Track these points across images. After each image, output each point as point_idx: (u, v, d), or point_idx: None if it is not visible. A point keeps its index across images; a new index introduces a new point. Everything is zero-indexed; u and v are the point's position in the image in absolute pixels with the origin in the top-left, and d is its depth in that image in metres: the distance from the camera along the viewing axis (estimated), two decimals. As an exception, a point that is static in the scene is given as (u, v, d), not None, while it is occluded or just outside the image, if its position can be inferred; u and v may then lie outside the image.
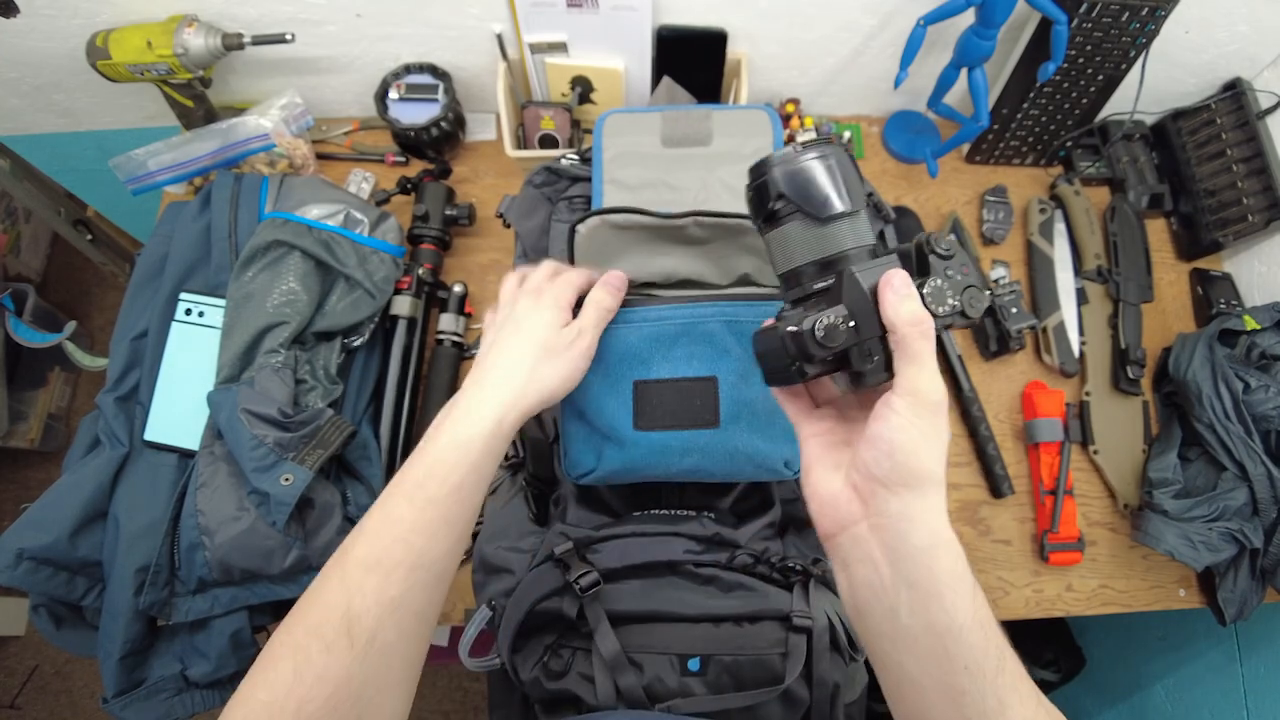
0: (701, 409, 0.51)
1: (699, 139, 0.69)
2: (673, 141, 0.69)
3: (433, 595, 0.42)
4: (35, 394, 1.62)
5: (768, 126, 0.69)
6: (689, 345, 0.51)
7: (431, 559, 0.40)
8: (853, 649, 0.51)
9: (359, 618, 0.37)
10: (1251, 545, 0.76)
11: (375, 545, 0.40)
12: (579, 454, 0.55)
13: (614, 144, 0.68)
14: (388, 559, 0.39)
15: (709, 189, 0.66)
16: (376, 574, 0.39)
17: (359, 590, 0.38)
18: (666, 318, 0.52)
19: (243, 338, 0.69)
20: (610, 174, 0.67)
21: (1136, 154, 0.98)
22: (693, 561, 0.51)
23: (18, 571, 0.62)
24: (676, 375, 0.51)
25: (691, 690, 0.47)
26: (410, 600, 0.39)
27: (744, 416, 0.51)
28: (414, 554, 0.39)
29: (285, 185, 0.79)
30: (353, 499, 0.71)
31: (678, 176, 0.67)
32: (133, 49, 0.77)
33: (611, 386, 0.52)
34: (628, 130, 0.69)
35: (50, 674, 1.58)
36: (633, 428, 0.52)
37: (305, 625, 0.38)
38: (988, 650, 0.33)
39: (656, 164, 0.68)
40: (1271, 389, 0.77)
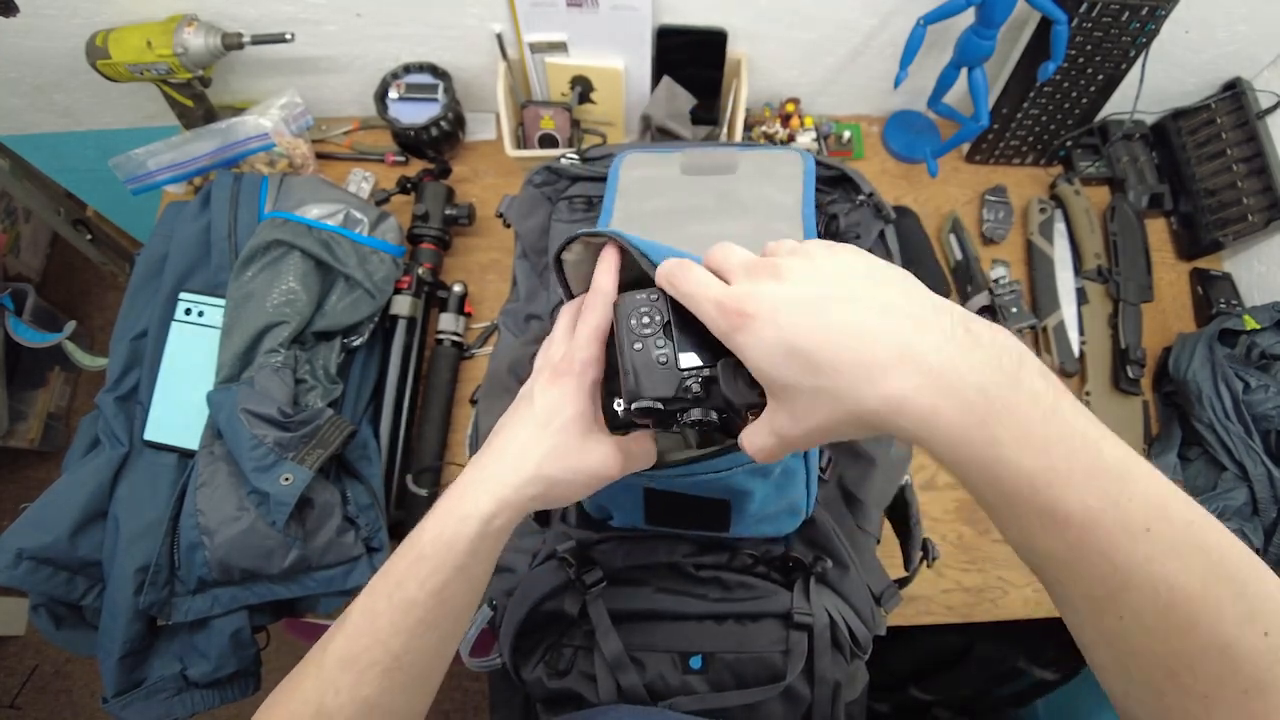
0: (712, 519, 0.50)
1: (722, 168, 0.67)
2: (693, 170, 0.67)
3: (412, 697, 0.39)
4: (35, 394, 1.62)
5: (799, 161, 0.66)
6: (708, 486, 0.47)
7: (410, 661, 0.37)
8: (855, 646, 0.51)
9: (331, 716, 0.36)
10: (1251, 545, 0.76)
11: (353, 643, 0.37)
12: (593, 508, 0.54)
13: (631, 175, 0.67)
14: (364, 658, 0.36)
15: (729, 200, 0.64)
16: (351, 672, 0.36)
17: (333, 688, 0.36)
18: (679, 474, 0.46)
19: (242, 337, 0.69)
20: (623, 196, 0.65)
21: (1136, 154, 0.98)
22: (693, 562, 0.51)
23: (17, 571, 0.62)
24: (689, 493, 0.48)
25: (693, 688, 0.47)
26: (386, 701, 0.37)
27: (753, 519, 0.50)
28: (390, 656, 0.36)
29: (285, 185, 0.79)
30: (352, 499, 0.71)
31: (695, 197, 0.65)
32: (132, 48, 0.77)
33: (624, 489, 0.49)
34: (646, 165, 0.68)
35: (50, 674, 1.58)
36: (644, 522, 0.51)
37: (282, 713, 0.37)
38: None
39: (673, 187, 0.66)
40: (1271, 389, 0.77)
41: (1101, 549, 0.26)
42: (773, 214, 0.62)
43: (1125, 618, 0.27)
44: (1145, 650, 0.27)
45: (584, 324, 0.39)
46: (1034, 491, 0.27)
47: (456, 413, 0.83)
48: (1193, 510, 0.27)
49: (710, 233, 0.61)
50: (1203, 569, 0.26)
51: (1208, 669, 0.26)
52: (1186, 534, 0.26)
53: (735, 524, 0.50)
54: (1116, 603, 0.27)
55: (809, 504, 0.51)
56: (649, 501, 0.50)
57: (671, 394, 0.35)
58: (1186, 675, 0.26)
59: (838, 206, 0.67)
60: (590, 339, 0.38)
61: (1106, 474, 0.27)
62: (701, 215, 0.63)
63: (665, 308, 0.36)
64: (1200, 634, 0.25)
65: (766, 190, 0.65)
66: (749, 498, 0.47)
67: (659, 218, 0.64)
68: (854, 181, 0.69)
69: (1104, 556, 0.26)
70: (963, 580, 0.80)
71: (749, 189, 0.65)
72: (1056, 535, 0.27)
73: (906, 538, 0.63)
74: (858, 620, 0.51)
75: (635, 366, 0.35)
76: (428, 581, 0.37)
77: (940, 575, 0.80)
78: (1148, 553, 0.26)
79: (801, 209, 0.63)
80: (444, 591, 0.37)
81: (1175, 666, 0.26)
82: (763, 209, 0.63)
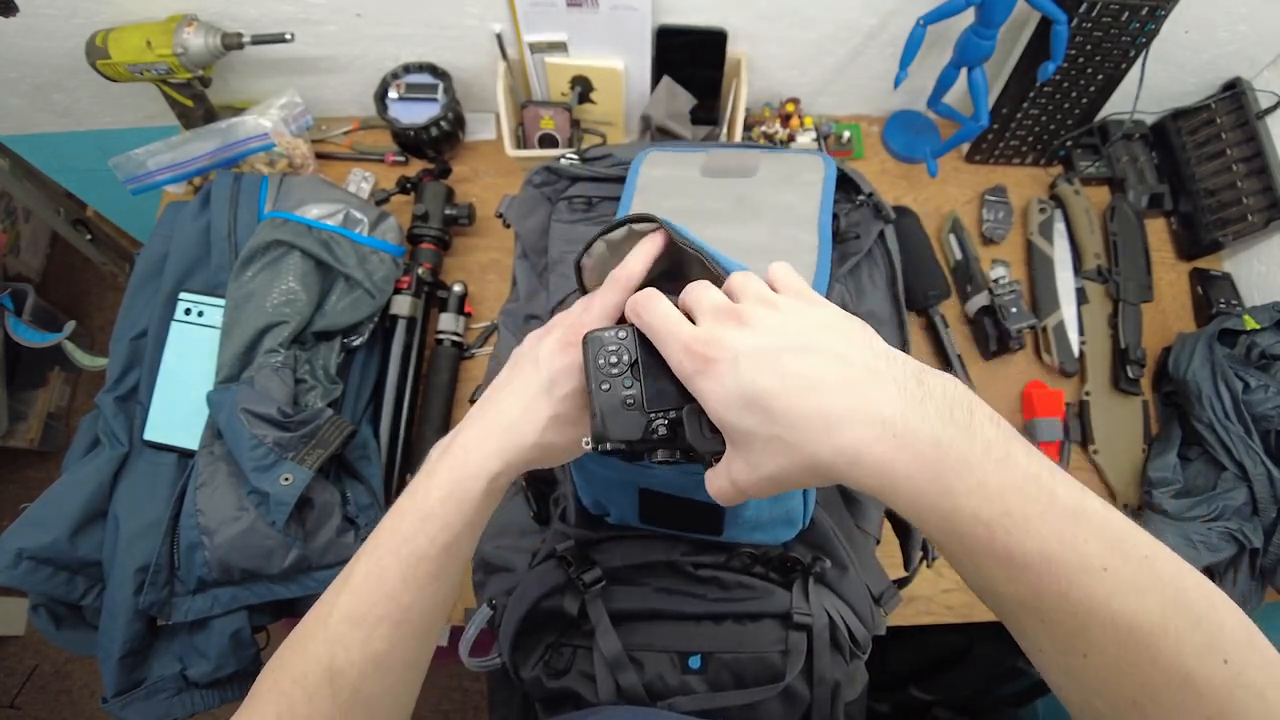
0: (706, 522, 0.50)
1: (743, 171, 0.67)
2: (713, 173, 0.67)
3: (421, 647, 0.40)
4: (35, 394, 1.62)
5: (820, 166, 0.66)
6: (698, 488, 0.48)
7: (418, 613, 0.38)
8: (854, 646, 0.50)
9: (342, 672, 0.36)
10: (1251, 545, 0.76)
11: (360, 600, 0.38)
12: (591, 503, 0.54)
13: (651, 174, 0.67)
14: (372, 614, 0.37)
15: (746, 205, 0.64)
16: (361, 629, 0.37)
17: (342, 645, 0.37)
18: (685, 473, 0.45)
19: (242, 337, 0.69)
20: (641, 195, 0.66)
21: (1136, 154, 0.98)
22: (692, 561, 0.51)
23: (17, 571, 0.62)
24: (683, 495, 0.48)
25: (692, 688, 0.47)
26: (396, 654, 0.38)
27: (747, 526, 0.50)
28: (400, 609, 0.38)
29: (285, 185, 0.79)
30: (352, 499, 0.71)
31: (713, 200, 0.65)
32: (132, 48, 0.77)
33: (618, 484, 0.50)
34: (666, 164, 0.68)
35: (50, 674, 1.58)
36: (638, 520, 0.51)
37: (291, 674, 0.37)
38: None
39: (692, 189, 0.66)
40: (1271, 389, 0.77)
41: (1061, 590, 0.27)
42: (790, 220, 0.62)
43: (1089, 655, 0.27)
44: (1110, 685, 0.27)
45: (601, 298, 0.40)
46: (991, 538, 0.28)
47: (456, 413, 0.83)
48: (1149, 544, 0.28)
49: (725, 237, 0.62)
50: (1160, 603, 0.26)
51: (1171, 700, 0.26)
52: (1143, 569, 0.27)
53: (728, 529, 0.49)
54: (1079, 641, 0.27)
55: (806, 516, 0.51)
56: (643, 501, 0.50)
57: (638, 436, 0.36)
58: (1152, 707, 0.26)
59: (838, 207, 0.67)
60: (604, 314, 0.39)
61: (1062, 517, 0.27)
62: (717, 219, 0.64)
63: (634, 346, 0.37)
64: (1162, 666, 0.26)
65: (786, 196, 0.65)
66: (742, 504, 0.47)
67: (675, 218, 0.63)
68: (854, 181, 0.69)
69: (1064, 597, 0.27)
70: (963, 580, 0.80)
71: (768, 194, 0.65)
72: (1016, 579, 0.28)
73: (906, 538, 0.63)
74: (857, 620, 0.51)
75: (602, 409, 0.36)
76: (438, 537, 0.38)
77: (940, 575, 0.80)
78: (1107, 591, 0.26)
79: (818, 216, 0.63)
80: (453, 547, 0.38)
81: (1140, 699, 0.27)
82: (780, 215, 0.63)
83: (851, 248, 0.67)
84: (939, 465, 0.28)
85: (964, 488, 0.28)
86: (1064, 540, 0.27)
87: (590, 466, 0.49)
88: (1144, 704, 0.26)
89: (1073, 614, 0.27)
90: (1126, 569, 0.27)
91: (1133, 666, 0.26)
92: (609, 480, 0.51)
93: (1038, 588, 0.27)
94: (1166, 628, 0.26)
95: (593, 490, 0.54)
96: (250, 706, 0.37)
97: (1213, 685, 0.26)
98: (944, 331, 0.87)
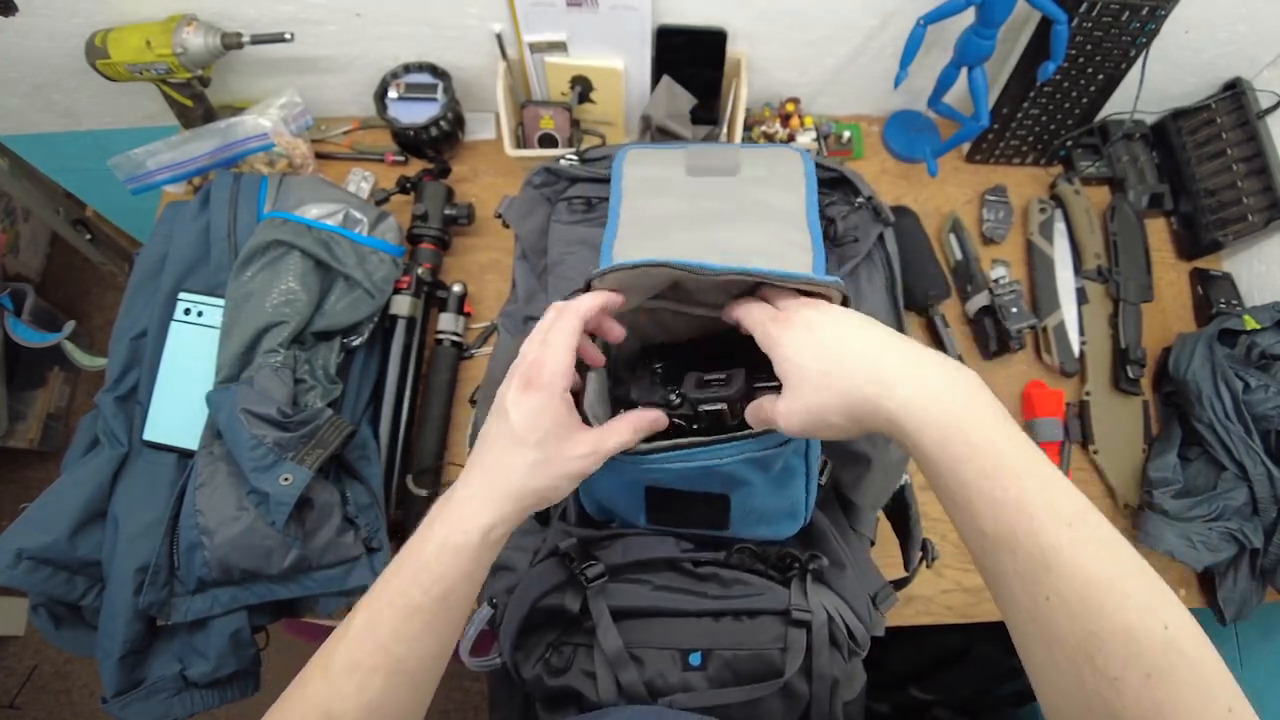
0: (713, 517, 0.51)
1: (726, 169, 0.68)
2: (697, 171, 0.68)
3: (414, 697, 0.41)
4: (34, 394, 1.62)
5: (800, 161, 0.67)
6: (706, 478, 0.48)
7: (412, 666, 0.40)
8: (852, 644, 0.51)
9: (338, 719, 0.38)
10: (1251, 545, 0.76)
11: (357, 649, 0.39)
12: (594, 509, 0.56)
13: (634, 173, 0.67)
14: (367, 663, 0.39)
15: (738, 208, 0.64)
16: (356, 677, 0.39)
17: (339, 693, 0.38)
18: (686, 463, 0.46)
19: (242, 337, 0.69)
20: (629, 192, 0.66)
21: (1136, 153, 0.98)
22: (691, 558, 0.51)
23: (17, 571, 0.62)
24: (689, 489, 0.49)
25: (692, 685, 0.47)
26: (390, 704, 0.39)
27: (753, 517, 0.51)
28: (393, 660, 0.39)
29: (284, 185, 0.79)
30: (352, 499, 0.70)
31: (702, 199, 0.65)
32: (132, 48, 0.77)
33: (624, 486, 0.51)
34: (649, 162, 0.68)
35: (49, 674, 1.58)
36: (644, 521, 0.52)
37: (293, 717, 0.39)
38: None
39: (680, 187, 0.66)
40: (1271, 389, 0.77)
41: (1032, 529, 0.33)
42: (783, 220, 0.63)
43: (1051, 599, 0.32)
44: (1067, 630, 0.31)
45: (557, 333, 0.42)
46: (982, 476, 0.34)
47: (456, 413, 0.83)
48: (1108, 524, 0.33)
49: (727, 240, 0.61)
50: (1113, 564, 0.32)
51: (1117, 651, 0.30)
52: (1101, 534, 0.33)
53: (735, 520, 0.50)
54: (1042, 584, 0.32)
55: (808, 507, 0.51)
56: (650, 500, 0.50)
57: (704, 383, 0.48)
58: (1100, 658, 0.30)
59: (836, 209, 0.67)
60: (562, 348, 0.42)
61: (1042, 477, 0.34)
62: (718, 220, 0.64)
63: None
64: (1109, 616, 0.31)
65: (773, 196, 0.65)
66: (749, 490, 0.48)
67: (670, 222, 0.63)
68: (853, 184, 0.69)
69: (1033, 538, 0.32)
70: (962, 580, 0.80)
71: (757, 194, 0.65)
72: (999, 518, 0.33)
73: (906, 538, 0.63)
74: (855, 618, 0.51)
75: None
76: (432, 589, 0.39)
77: (940, 575, 0.80)
78: (1070, 539, 0.32)
79: (806, 214, 0.64)
80: (448, 598, 0.40)
81: (1091, 649, 0.31)
82: (772, 214, 0.64)
83: (850, 251, 0.67)
84: (958, 418, 0.35)
85: (975, 439, 0.35)
86: (1042, 493, 0.33)
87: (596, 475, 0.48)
88: (1094, 655, 0.30)
89: (1039, 554, 0.32)
90: (1087, 530, 0.33)
91: (1085, 612, 0.31)
92: (615, 486, 0.51)
93: (1015, 528, 0.33)
94: (1115, 584, 0.31)
95: (597, 499, 0.54)
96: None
97: (1152, 643, 0.30)
98: (944, 331, 0.87)
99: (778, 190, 0.65)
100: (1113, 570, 0.32)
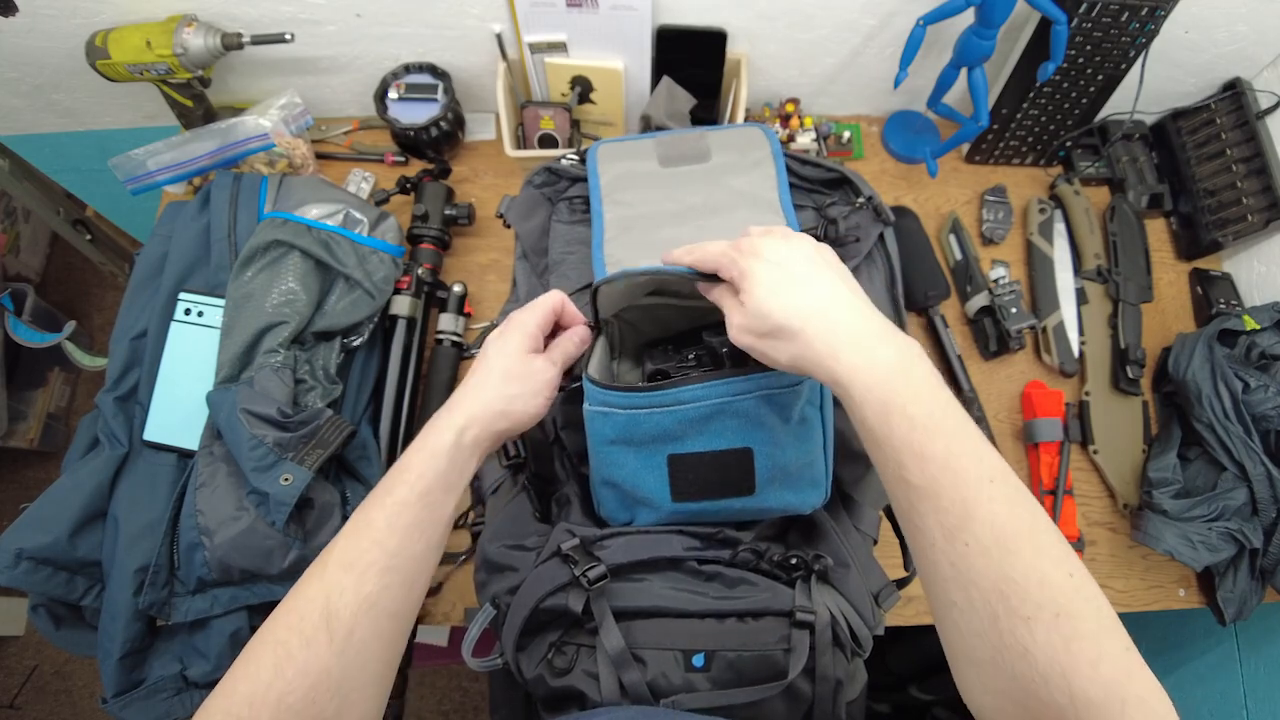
0: (738, 479, 0.51)
1: (697, 156, 0.69)
2: (670, 161, 0.69)
3: (407, 596, 0.44)
4: (35, 394, 1.62)
5: (765, 140, 0.69)
6: (723, 420, 0.50)
7: (403, 561, 0.43)
8: (855, 645, 0.51)
9: (337, 613, 0.40)
10: (1251, 545, 0.76)
11: (351, 547, 0.42)
12: (613, 512, 0.56)
13: (609, 169, 0.69)
14: (362, 559, 0.42)
15: (715, 198, 0.66)
16: (353, 573, 0.41)
17: (337, 588, 0.41)
18: (701, 398, 0.49)
19: (242, 337, 0.69)
20: (609, 194, 0.67)
21: (1136, 154, 0.98)
22: (695, 558, 0.51)
23: (17, 571, 0.62)
24: (711, 449, 0.50)
25: (695, 686, 0.47)
26: (385, 599, 0.42)
27: (778, 479, 0.51)
28: (386, 555, 0.42)
29: (285, 185, 0.79)
30: (352, 499, 0.71)
31: (679, 191, 0.67)
32: (132, 49, 0.77)
33: (645, 462, 0.51)
34: (622, 156, 0.70)
35: (49, 674, 1.58)
36: (669, 500, 0.52)
37: (286, 622, 0.40)
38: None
39: (656, 181, 0.68)
40: (1271, 389, 0.77)
41: (956, 482, 0.36)
42: (758, 206, 0.66)
43: (970, 544, 0.35)
44: (984, 573, 0.34)
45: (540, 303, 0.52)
46: (912, 431, 0.37)
47: (456, 413, 0.83)
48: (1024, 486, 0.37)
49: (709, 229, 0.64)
50: (1028, 519, 0.35)
51: (1029, 593, 0.33)
52: (1018, 494, 0.36)
53: (761, 483, 0.51)
54: (963, 532, 0.35)
55: (828, 475, 0.53)
56: (674, 472, 0.51)
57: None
58: (1014, 598, 0.33)
59: (837, 209, 0.67)
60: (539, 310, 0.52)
61: (969, 437, 0.37)
62: (697, 214, 0.66)
63: None
64: (1023, 562, 0.34)
65: (746, 181, 0.67)
66: (769, 439, 0.50)
67: (656, 222, 0.65)
68: (853, 184, 0.69)
69: (956, 489, 0.36)
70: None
71: (730, 182, 0.67)
72: (924, 470, 0.37)
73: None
74: (858, 618, 0.51)
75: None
76: (415, 485, 0.44)
77: (940, 575, 0.80)
78: (990, 494, 0.35)
79: (779, 196, 0.66)
80: (429, 495, 0.45)
81: (1006, 590, 0.34)
82: (747, 201, 0.66)
83: (851, 250, 0.67)
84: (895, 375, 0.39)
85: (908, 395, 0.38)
86: (966, 451, 0.37)
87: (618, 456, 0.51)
88: (1009, 595, 0.34)
89: (962, 504, 0.35)
90: (1007, 489, 0.36)
91: (1002, 557, 0.34)
92: (638, 465, 0.51)
93: (939, 479, 0.36)
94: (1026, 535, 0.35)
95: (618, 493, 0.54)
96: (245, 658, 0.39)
97: (1061, 588, 0.34)
98: (944, 332, 0.87)
99: (749, 174, 0.68)
100: (1028, 523, 0.35)
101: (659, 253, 0.52)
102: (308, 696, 0.38)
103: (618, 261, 0.63)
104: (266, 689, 0.37)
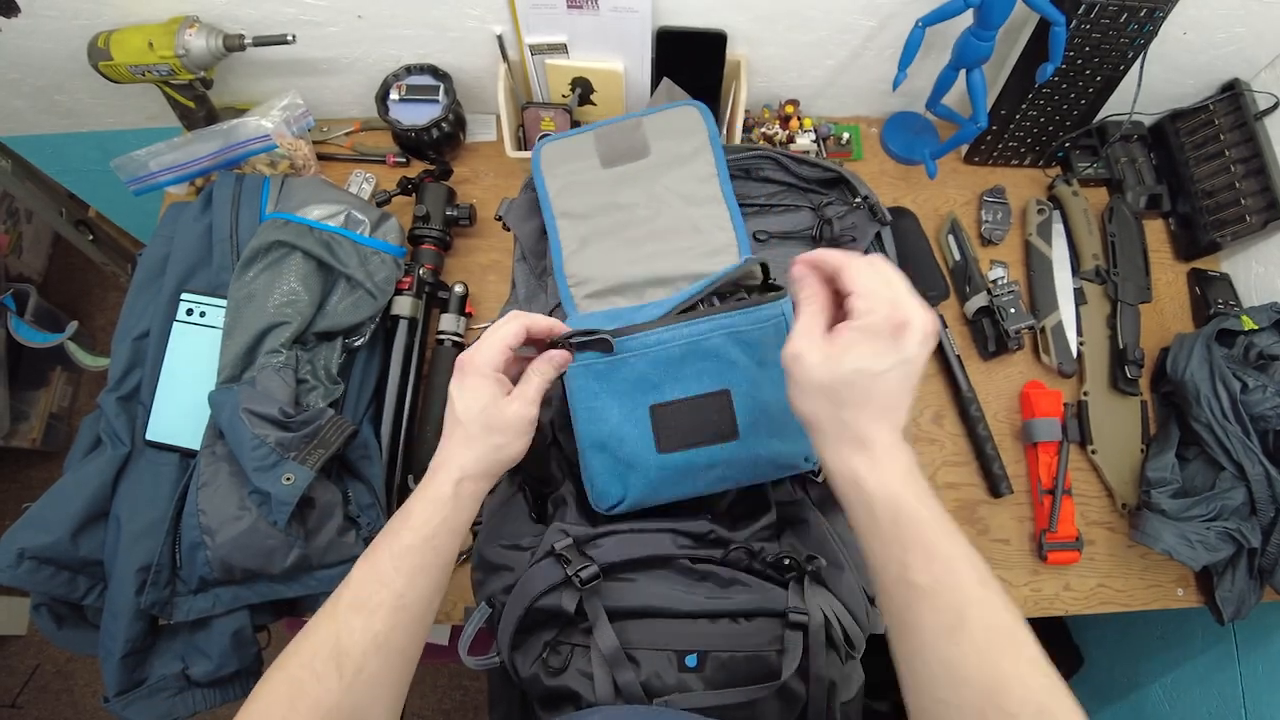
0: (720, 423, 0.52)
1: (637, 151, 0.69)
2: (611, 160, 0.69)
3: (414, 634, 0.46)
4: (37, 394, 1.63)
5: (700, 123, 0.69)
6: (696, 363, 0.52)
7: (410, 601, 0.45)
8: (849, 646, 0.51)
9: (347, 652, 0.42)
10: (1249, 545, 0.76)
11: (361, 589, 0.45)
12: (605, 485, 0.56)
13: (555, 175, 0.69)
14: (371, 600, 0.44)
15: (659, 200, 0.67)
16: (362, 613, 0.44)
17: (346, 628, 0.43)
18: (667, 340, 0.52)
19: (244, 338, 0.69)
20: (559, 207, 0.68)
21: (1135, 155, 0.98)
22: (688, 557, 0.52)
23: (19, 571, 0.62)
24: (690, 394, 0.52)
25: (689, 686, 0.47)
26: (393, 638, 0.44)
27: (762, 423, 0.52)
28: (394, 596, 0.44)
29: (286, 186, 0.79)
30: (354, 499, 0.71)
31: (624, 195, 0.68)
32: (134, 50, 0.77)
33: (629, 414, 0.52)
34: (566, 158, 0.70)
35: (51, 673, 1.58)
36: (656, 452, 0.53)
37: (299, 659, 0.42)
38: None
39: (601, 188, 0.68)
40: (1269, 389, 0.77)
41: (957, 583, 0.38)
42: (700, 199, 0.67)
43: (962, 644, 0.37)
44: (975, 674, 0.36)
45: (496, 333, 0.50)
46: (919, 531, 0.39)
47: (457, 413, 0.83)
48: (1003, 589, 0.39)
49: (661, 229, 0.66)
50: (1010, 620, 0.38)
51: (1013, 693, 0.35)
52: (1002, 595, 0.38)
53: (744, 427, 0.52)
54: (959, 633, 0.37)
55: None
56: (657, 422, 0.52)
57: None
58: (1002, 696, 0.35)
59: (833, 209, 0.68)
60: (496, 343, 0.50)
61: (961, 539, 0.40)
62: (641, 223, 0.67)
63: None
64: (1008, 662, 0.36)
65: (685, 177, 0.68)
66: (744, 377, 0.51)
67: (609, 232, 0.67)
68: (850, 184, 0.70)
69: (955, 591, 0.38)
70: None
71: (669, 180, 0.67)
72: (927, 569, 0.38)
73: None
74: (852, 620, 0.51)
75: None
76: (420, 530, 0.46)
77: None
78: (983, 597, 0.38)
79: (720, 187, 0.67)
80: (434, 539, 0.47)
81: (994, 689, 0.35)
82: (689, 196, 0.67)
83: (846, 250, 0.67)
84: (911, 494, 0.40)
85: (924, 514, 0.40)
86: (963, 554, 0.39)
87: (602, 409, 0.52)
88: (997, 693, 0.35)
89: (959, 607, 0.37)
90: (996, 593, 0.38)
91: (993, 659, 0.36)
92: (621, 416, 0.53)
93: (941, 579, 0.38)
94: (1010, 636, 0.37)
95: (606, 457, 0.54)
96: (260, 693, 0.41)
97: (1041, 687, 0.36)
98: (943, 332, 0.87)
99: (689, 164, 0.68)
100: (1010, 625, 0.37)
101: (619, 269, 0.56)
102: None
103: (581, 280, 0.65)
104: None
